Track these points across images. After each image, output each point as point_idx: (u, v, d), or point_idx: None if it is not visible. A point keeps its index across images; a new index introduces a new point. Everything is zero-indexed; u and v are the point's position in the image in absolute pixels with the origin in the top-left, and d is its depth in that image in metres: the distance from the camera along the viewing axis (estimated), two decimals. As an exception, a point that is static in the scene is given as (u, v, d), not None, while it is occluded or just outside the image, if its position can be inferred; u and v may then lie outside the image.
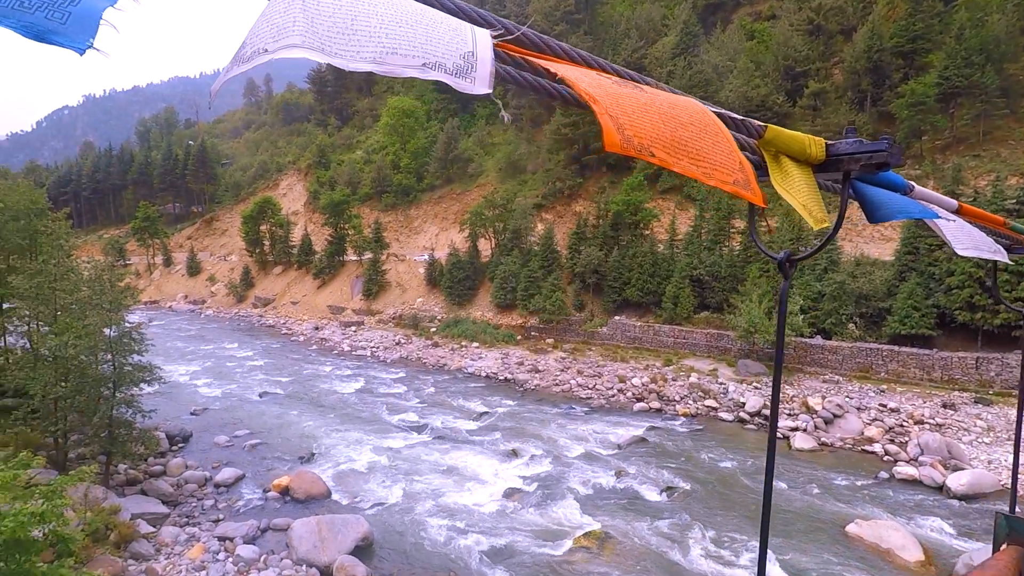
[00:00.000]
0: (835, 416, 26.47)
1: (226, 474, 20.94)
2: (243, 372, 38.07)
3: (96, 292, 21.23)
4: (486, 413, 29.17)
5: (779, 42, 50.32)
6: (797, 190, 1.38)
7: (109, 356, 19.92)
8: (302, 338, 51.79)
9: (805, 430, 25.86)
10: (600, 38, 68.87)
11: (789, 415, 27.57)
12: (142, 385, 20.61)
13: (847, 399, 28.03)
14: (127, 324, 21.01)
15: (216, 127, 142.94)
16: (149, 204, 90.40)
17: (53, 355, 19.59)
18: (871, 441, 24.60)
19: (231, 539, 16.33)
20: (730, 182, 1.13)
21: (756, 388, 31.16)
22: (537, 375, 36.09)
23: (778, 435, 25.61)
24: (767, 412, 28.05)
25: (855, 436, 25.21)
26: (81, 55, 0.68)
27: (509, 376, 36.41)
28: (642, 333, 40.40)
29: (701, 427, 27.51)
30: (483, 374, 37.41)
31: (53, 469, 18.08)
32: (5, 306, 26.58)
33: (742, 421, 28.06)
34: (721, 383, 32.26)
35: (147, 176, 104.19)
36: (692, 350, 37.66)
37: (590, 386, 33.65)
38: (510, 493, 20.01)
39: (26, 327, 23.69)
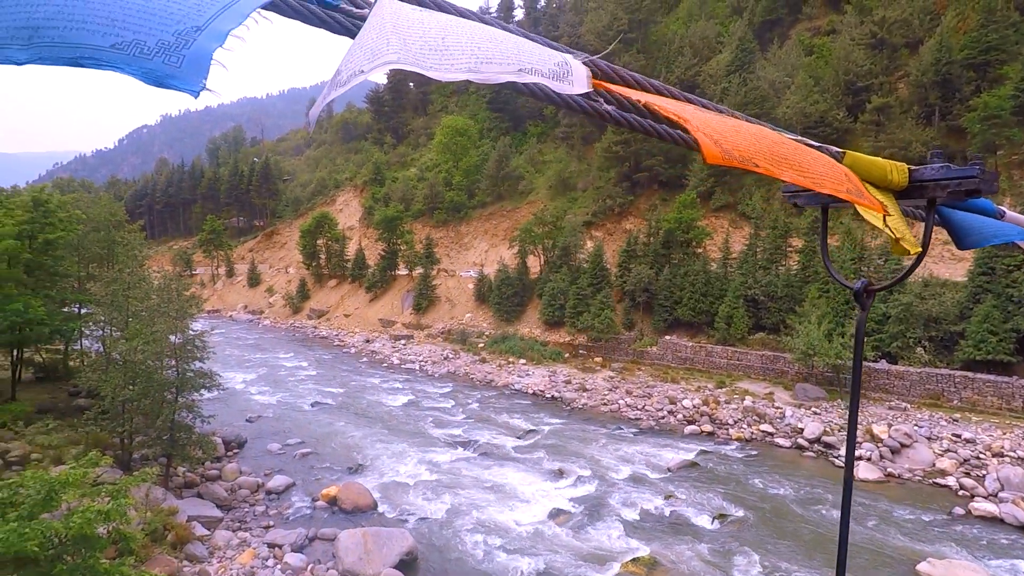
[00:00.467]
0: (902, 445, 24.91)
1: (277, 481, 21.46)
2: (296, 381, 39.15)
3: (164, 300, 22.36)
4: (532, 431, 28.92)
5: (839, 57, 48.77)
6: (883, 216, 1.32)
7: (173, 362, 20.87)
8: (353, 350, 52.93)
9: (870, 459, 24.43)
10: (653, 56, 68.49)
11: (852, 445, 26.15)
12: (202, 391, 21.45)
13: (915, 428, 26.37)
14: (191, 332, 21.98)
15: (279, 145, 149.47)
16: (215, 217, 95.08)
17: (123, 359, 20.69)
18: (943, 474, 22.98)
19: (280, 546, 16.65)
20: (843, 190, 1.10)
21: (815, 414, 29.74)
22: (585, 394, 35.59)
23: (840, 465, 24.40)
24: (828, 439, 26.69)
25: (925, 468, 23.62)
26: (196, 97, 0.71)
27: (556, 394, 36.07)
28: (694, 354, 39.35)
29: (756, 452, 26.41)
30: (530, 391, 37.19)
31: (118, 468, 18.97)
32: (83, 311, 28.37)
33: (800, 448, 26.77)
34: (777, 407, 30.96)
35: (215, 191, 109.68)
36: (746, 372, 36.37)
37: (639, 407, 32.92)
38: (555, 514, 19.67)
39: (101, 332, 25.17)
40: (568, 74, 0.94)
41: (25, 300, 23.07)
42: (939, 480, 22.62)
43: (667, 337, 41.55)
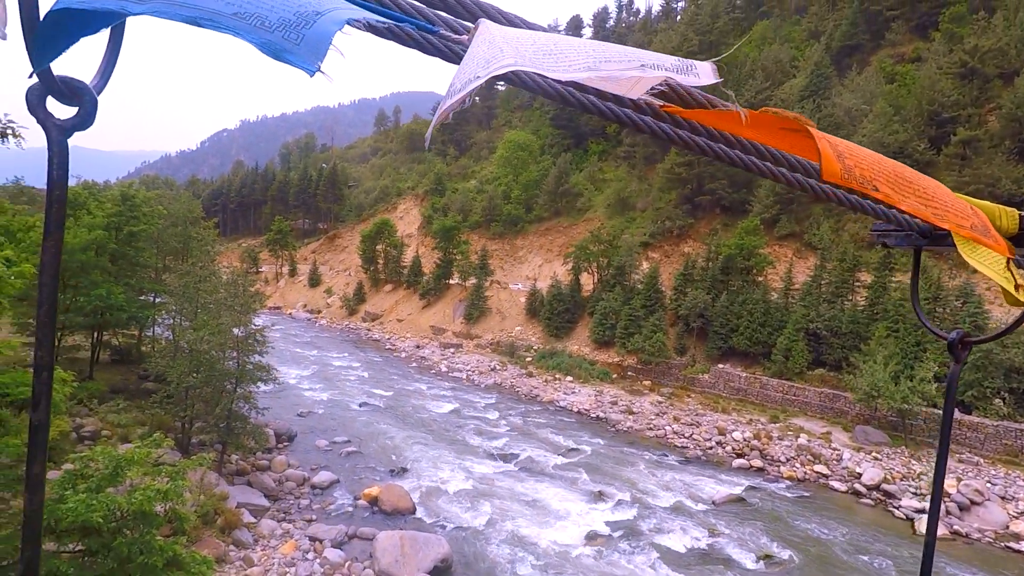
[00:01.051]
0: (972, 503, 23.17)
1: (322, 477, 22.05)
2: (347, 381, 40.21)
3: (231, 295, 23.53)
4: (575, 450, 28.60)
5: (924, 85, 46.54)
6: (994, 260, 1.22)
7: (235, 354, 21.88)
8: (403, 355, 53.92)
9: (934, 515, 22.85)
10: (723, 79, 67.21)
11: (915, 494, 24.56)
12: (259, 383, 22.36)
13: (988, 485, 24.51)
14: (253, 326, 23.01)
15: (347, 152, 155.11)
16: (283, 219, 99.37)
17: (190, 348, 21.85)
18: (1018, 538, 21.21)
19: (320, 541, 17.07)
20: (967, 226, 1.01)
21: (876, 459, 28.12)
22: (631, 417, 34.94)
23: (902, 515, 22.97)
24: (889, 487, 25.17)
25: (997, 529, 21.88)
26: (311, 76, 0.75)
27: (602, 414, 35.56)
28: (747, 385, 38.00)
29: (808, 494, 25.17)
30: (575, 409, 36.83)
31: (178, 451, 19.98)
32: (158, 300, 30.19)
33: (857, 494, 25.34)
34: (834, 448, 29.45)
35: (284, 193, 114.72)
36: (802, 409, 34.82)
37: (686, 435, 32.02)
38: (592, 536, 19.34)
39: (171, 320, 26.71)
40: (692, 68, 0.91)
41: (108, 287, 24.79)
42: (1013, 544, 20.90)
43: (720, 366, 40.33)
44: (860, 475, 26.46)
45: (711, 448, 30.45)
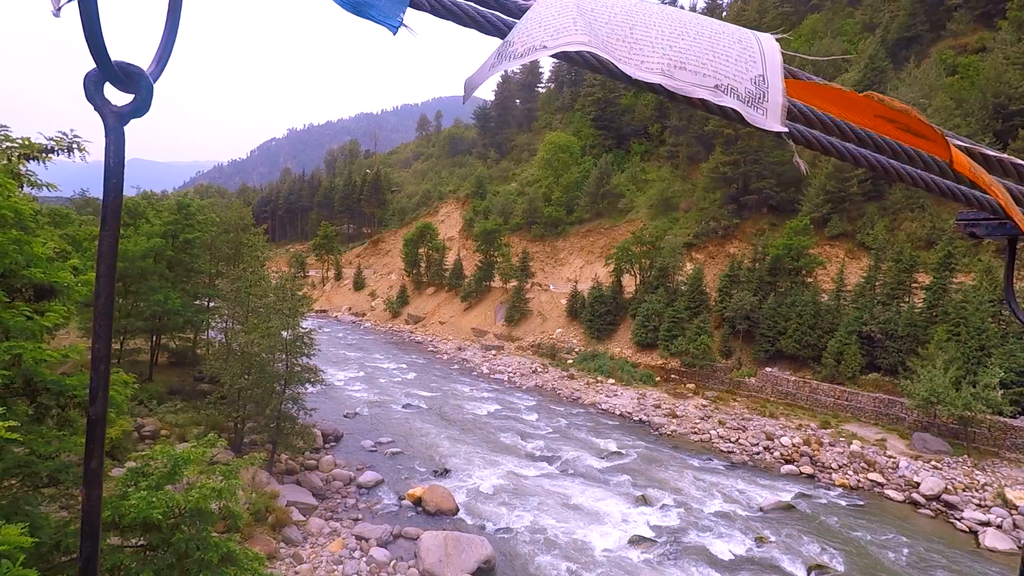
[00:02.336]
0: (1045, 517, 21.79)
1: (368, 477, 22.49)
2: (391, 383, 40.91)
3: (280, 299, 24.29)
4: (617, 453, 28.29)
5: (989, 77, 44.13)
6: None
7: (284, 356, 22.57)
8: (446, 357, 54.49)
9: (1000, 527, 21.63)
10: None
11: (980, 506, 23.26)
12: (307, 385, 22.99)
13: (1063, 498, 22.99)
14: (301, 329, 23.68)
15: (390, 157, 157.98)
16: (329, 224, 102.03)
17: (241, 350, 22.66)
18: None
19: (367, 539, 17.42)
20: None
21: (935, 468, 26.77)
22: (674, 420, 34.33)
23: (964, 528, 21.80)
24: (950, 498, 23.92)
25: (1073, 546, 20.49)
26: (394, 33, 0.76)
27: (644, 418, 35.07)
28: (796, 389, 36.80)
29: (862, 503, 24.19)
30: (617, 412, 36.44)
31: (231, 451, 20.73)
32: (211, 304, 31.42)
33: (915, 503, 24.19)
34: (890, 456, 28.20)
35: (329, 199, 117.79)
36: (855, 414, 33.47)
37: (732, 439, 31.24)
38: (636, 540, 19.09)
39: (224, 324, 27.76)
40: (763, 99, 0.82)
41: (166, 292, 25.98)
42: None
43: (768, 369, 39.19)
44: (918, 484, 25.26)
45: (758, 453, 29.62)
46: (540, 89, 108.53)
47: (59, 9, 0.65)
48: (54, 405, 7.81)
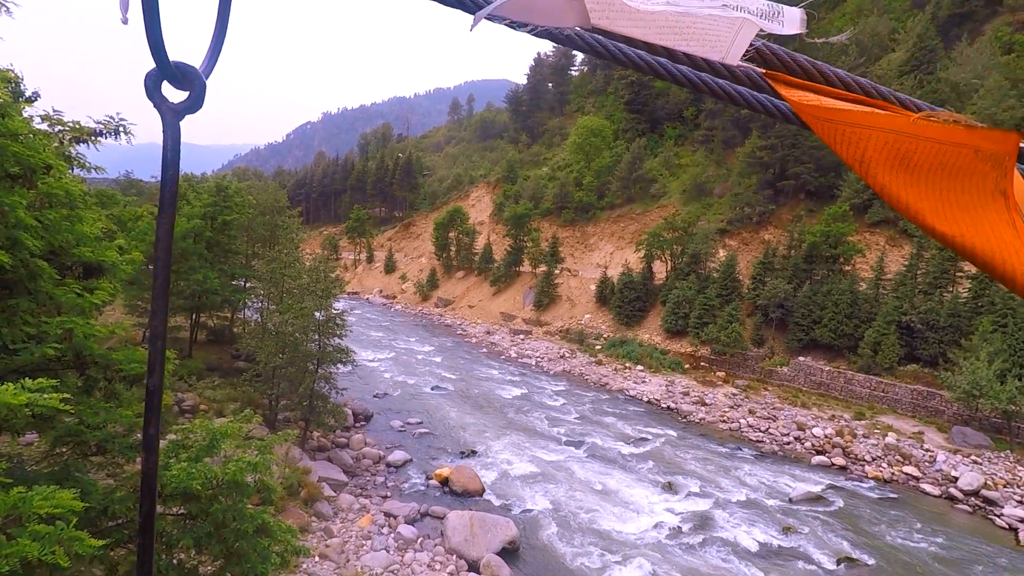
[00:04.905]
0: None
1: (397, 456, 22.99)
2: (420, 364, 41.50)
3: (313, 280, 24.78)
4: (644, 439, 28.25)
5: (1047, 54, 41.81)
6: None
7: (316, 336, 23.09)
8: (474, 340, 54.95)
9: (1045, 526, 20.97)
10: (813, 56, 63.16)
11: (1020, 502, 22.57)
12: (339, 365, 23.50)
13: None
14: (333, 310, 24.16)
15: (422, 141, 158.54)
16: (361, 207, 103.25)
17: (276, 330, 23.26)
18: None
19: (395, 516, 17.87)
20: None
21: (975, 462, 26.02)
22: (703, 408, 34.05)
23: (1004, 524, 21.25)
24: (989, 494, 23.28)
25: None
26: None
27: (672, 405, 34.86)
28: (830, 379, 36.04)
29: (895, 496, 23.70)
30: (645, 399, 36.31)
31: (265, 427, 21.41)
32: (247, 285, 32.26)
33: (952, 499, 23.58)
34: (927, 449, 27.49)
35: (362, 182, 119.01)
36: (891, 406, 32.65)
37: (762, 428, 30.86)
38: (661, 527, 19.12)
39: (260, 304, 28.49)
40: (779, 14, 0.80)
41: (205, 272, 26.77)
42: None
43: (801, 358, 38.45)
44: (956, 479, 24.60)
45: (788, 443, 29.21)
46: (573, 72, 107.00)
47: (127, 17, 0.72)
48: (102, 378, 8.19)
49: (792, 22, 0.80)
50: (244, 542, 7.81)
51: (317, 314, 23.17)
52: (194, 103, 0.74)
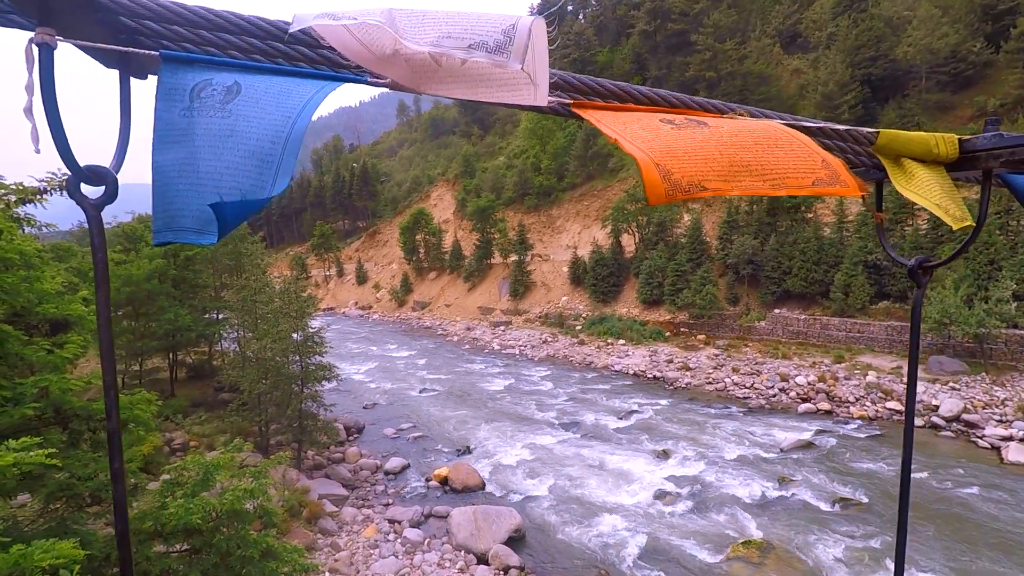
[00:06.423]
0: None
1: (394, 463, 23.07)
2: (405, 370, 41.48)
3: (285, 302, 24.58)
4: (635, 412, 28.79)
5: (973, -21, 43.29)
6: (928, 189, 1.27)
7: (297, 357, 22.97)
8: (456, 338, 55.03)
9: (1023, 440, 22.04)
10: (746, 10, 64.39)
11: (1000, 421, 23.67)
12: (323, 382, 23.44)
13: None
14: (310, 329, 24.04)
15: (374, 148, 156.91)
16: (324, 223, 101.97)
17: (256, 357, 23.07)
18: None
19: (399, 522, 18.00)
20: (808, 183, 1.04)
21: (954, 389, 27.14)
22: (688, 373, 34.79)
23: (986, 445, 22.28)
24: (970, 417, 24.35)
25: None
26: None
27: (658, 374, 35.53)
28: (807, 327, 37.12)
29: (881, 432, 24.63)
30: (631, 372, 36.92)
31: (258, 453, 21.30)
32: (220, 316, 31.83)
33: (935, 427, 24.60)
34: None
35: (321, 198, 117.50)
36: (868, 345, 33.79)
37: (747, 385, 31.69)
38: (661, 495, 19.60)
39: (236, 334, 28.17)
40: (510, 43, 0.90)
41: (175, 310, 26.35)
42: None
43: (776, 311, 39.47)
44: (937, 407, 25.63)
45: (774, 396, 30.07)
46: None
47: (39, 148, 0.87)
48: (85, 429, 8.18)
49: (517, 55, 0.90)
50: (251, 567, 7.92)
51: (294, 335, 23.03)
52: (110, 196, 0.88)
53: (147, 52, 0.90)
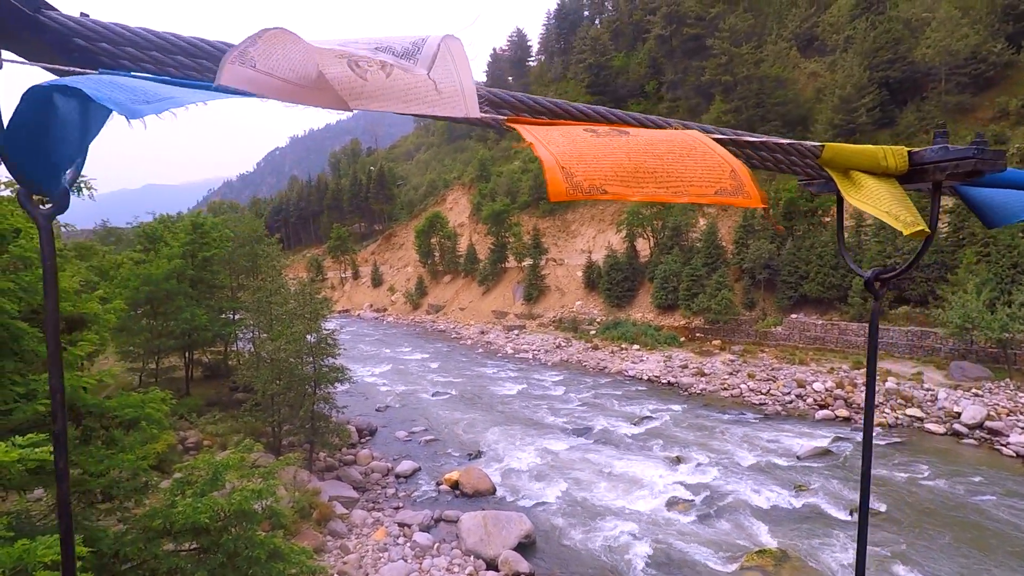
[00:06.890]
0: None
1: (405, 466, 23.09)
2: (418, 373, 41.57)
3: (300, 304, 24.78)
4: (648, 418, 28.53)
5: (996, -22, 42.49)
6: (877, 199, 1.29)
7: (311, 359, 23.12)
8: (469, 342, 55.04)
9: (1041, 445, 21.51)
10: (762, 14, 63.85)
11: (1025, 429, 23.10)
12: (336, 384, 23.56)
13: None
14: (324, 331, 24.19)
15: (392, 152, 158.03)
16: (340, 225, 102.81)
17: (270, 357, 23.26)
18: None
19: (409, 526, 17.99)
20: (711, 193, 1.05)
21: (976, 395, 26.54)
22: (703, 379, 34.42)
23: (1011, 453, 21.79)
24: (994, 424, 23.82)
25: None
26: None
27: (672, 380, 35.20)
28: (824, 332, 36.55)
29: (901, 440, 24.13)
30: (644, 377, 36.62)
31: (271, 454, 21.45)
32: (236, 317, 32.19)
33: (957, 435, 24.07)
34: (928, 389, 27.99)
35: (339, 201, 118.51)
36: (888, 351, 33.17)
37: (763, 391, 31.27)
38: (674, 502, 19.37)
39: (251, 334, 28.46)
40: (418, 51, 0.91)
41: (192, 310, 26.69)
42: None
43: (793, 316, 38.95)
44: (959, 414, 25.09)
45: (791, 402, 29.62)
46: (531, 63, 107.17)
47: None
48: (98, 426, 8.28)
49: (424, 62, 0.91)
50: (258, 568, 7.93)
51: (309, 337, 23.18)
52: (60, 208, 0.91)
53: (87, 71, 0.90)
